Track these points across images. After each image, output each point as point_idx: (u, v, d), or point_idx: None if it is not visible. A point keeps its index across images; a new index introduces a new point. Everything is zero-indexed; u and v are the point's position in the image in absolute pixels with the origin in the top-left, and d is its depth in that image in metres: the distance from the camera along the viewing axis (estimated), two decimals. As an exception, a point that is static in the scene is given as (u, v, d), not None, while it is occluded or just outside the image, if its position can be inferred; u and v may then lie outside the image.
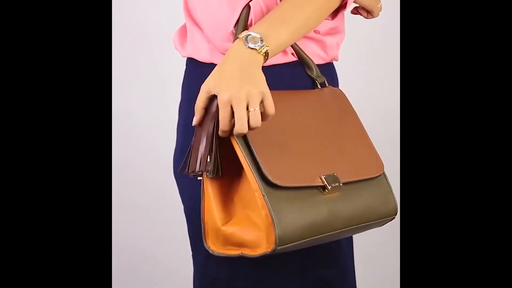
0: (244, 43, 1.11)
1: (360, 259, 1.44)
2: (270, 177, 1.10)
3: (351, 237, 1.36)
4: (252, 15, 1.18)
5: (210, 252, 1.15)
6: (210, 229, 1.15)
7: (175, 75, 1.38)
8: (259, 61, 1.12)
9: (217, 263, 1.19)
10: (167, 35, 1.41)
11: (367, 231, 1.24)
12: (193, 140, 1.13)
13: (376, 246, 2.34)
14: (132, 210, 2.51)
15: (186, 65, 1.34)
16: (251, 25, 1.18)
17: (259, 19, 1.18)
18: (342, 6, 1.24)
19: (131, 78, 2.47)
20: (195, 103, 1.24)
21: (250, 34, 1.12)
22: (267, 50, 1.12)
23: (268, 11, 1.19)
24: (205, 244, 1.15)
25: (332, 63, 1.36)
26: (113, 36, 2.07)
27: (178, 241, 1.70)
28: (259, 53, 1.12)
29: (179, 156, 1.31)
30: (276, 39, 1.14)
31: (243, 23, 1.18)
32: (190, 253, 1.32)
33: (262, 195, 1.09)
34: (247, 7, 1.19)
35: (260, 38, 1.12)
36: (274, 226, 1.08)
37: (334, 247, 1.28)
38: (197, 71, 1.29)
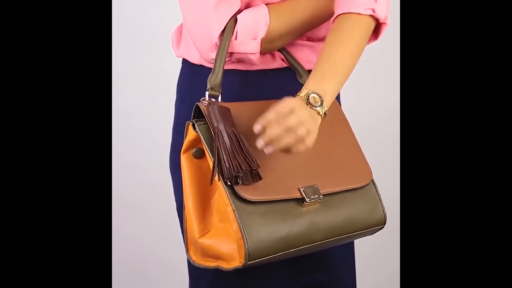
0: (305, 102, 1.11)
1: (360, 259, 1.44)
2: (240, 192, 1.10)
3: (351, 241, 1.35)
4: (238, 28, 1.18)
5: (191, 262, 1.17)
6: (190, 240, 1.17)
7: (175, 75, 1.38)
8: (318, 120, 1.12)
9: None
10: (167, 35, 1.41)
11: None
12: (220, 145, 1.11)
13: (376, 246, 2.34)
14: (132, 209, 2.51)
15: (181, 64, 1.34)
16: (235, 38, 1.18)
17: (245, 32, 1.18)
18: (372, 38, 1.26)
19: (131, 78, 2.47)
20: (186, 102, 1.24)
21: (310, 95, 1.12)
22: (326, 111, 1.13)
23: (255, 24, 1.19)
24: (187, 254, 1.18)
25: None
26: (113, 36, 2.07)
27: (177, 239, 1.69)
28: (318, 113, 1.12)
29: (171, 153, 1.33)
30: (332, 95, 1.15)
31: (228, 35, 1.18)
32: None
33: (232, 210, 1.10)
34: (234, 19, 1.18)
35: (321, 99, 1.12)
36: (244, 241, 1.09)
37: (324, 252, 1.27)
38: (188, 72, 1.30)
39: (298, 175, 1.17)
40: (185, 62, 1.32)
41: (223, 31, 1.18)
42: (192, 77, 1.28)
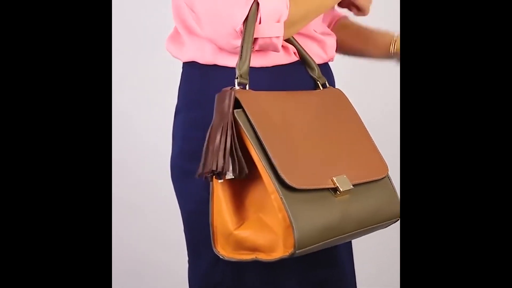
0: None
1: (360, 258, 1.44)
2: (286, 180, 1.08)
3: None
4: (261, 11, 1.15)
5: (220, 256, 1.13)
6: (219, 234, 1.13)
7: (175, 76, 1.38)
8: None
9: (223, 269, 1.17)
10: (167, 36, 1.41)
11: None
12: (206, 140, 1.09)
13: (376, 246, 2.34)
14: (131, 211, 2.51)
15: (183, 68, 1.32)
16: (260, 23, 1.15)
17: (269, 15, 1.15)
18: None
19: (131, 78, 2.47)
20: (197, 106, 1.23)
21: None
22: None
23: (277, 7, 1.16)
24: (214, 249, 1.13)
25: (328, 63, 1.36)
26: (113, 36, 2.07)
27: (177, 242, 1.70)
28: None
29: (177, 160, 1.29)
30: None
31: (252, 20, 1.14)
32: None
33: (279, 198, 1.07)
34: (255, 3, 1.15)
35: None
36: (293, 229, 1.06)
37: (333, 247, 1.27)
38: (196, 74, 1.27)
39: (329, 165, 1.17)
40: (190, 65, 1.28)
41: (247, 16, 1.14)
42: (202, 77, 1.25)
